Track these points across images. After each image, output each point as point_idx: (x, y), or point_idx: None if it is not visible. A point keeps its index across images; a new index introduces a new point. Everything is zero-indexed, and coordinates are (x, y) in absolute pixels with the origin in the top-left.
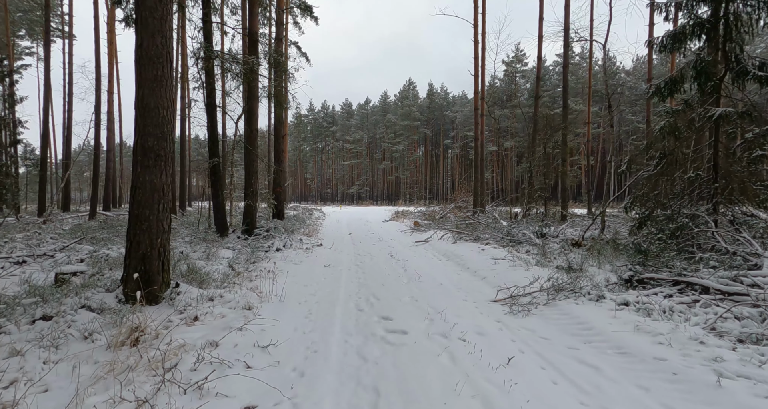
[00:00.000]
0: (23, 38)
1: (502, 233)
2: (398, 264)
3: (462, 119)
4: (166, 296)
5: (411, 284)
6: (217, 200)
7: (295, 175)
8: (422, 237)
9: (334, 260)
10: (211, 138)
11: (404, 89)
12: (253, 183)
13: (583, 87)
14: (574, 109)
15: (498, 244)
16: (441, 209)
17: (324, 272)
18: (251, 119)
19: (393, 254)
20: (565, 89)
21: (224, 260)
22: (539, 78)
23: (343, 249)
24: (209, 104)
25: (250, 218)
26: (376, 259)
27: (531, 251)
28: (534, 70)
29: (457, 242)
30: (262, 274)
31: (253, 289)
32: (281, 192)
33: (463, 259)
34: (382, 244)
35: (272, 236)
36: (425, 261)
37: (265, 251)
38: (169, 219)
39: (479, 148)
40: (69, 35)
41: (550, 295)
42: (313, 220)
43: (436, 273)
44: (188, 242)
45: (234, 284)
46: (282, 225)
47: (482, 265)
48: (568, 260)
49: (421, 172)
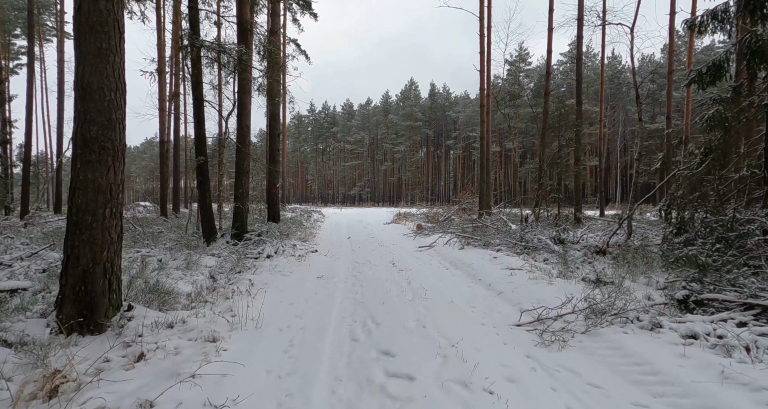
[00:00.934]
0: (19, 37)
1: (514, 238)
2: (401, 275)
3: (465, 119)
4: (114, 323)
5: (416, 301)
6: (204, 202)
7: (295, 177)
8: (426, 242)
9: (329, 270)
10: (198, 135)
11: (406, 89)
12: (243, 183)
13: (588, 86)
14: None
15: (511, 250)
16: (445, 211)
17: (316, 285)
18: (242, 115)
19: (395, 262)
20: (578, 83)
21: (206, 270)
22: (549, 73)
23: (340, 256)
24: (196, 98)
25: (240, 222)
26: (376, 268)
27: (550, 260)
28: (538, 68)
29: (464, 248)
30: (243, 288)
31: (227, 310)
32: (276, 193)
33: (474, 268)
34: (383, 250)
35: (263, 242)
36: (431, 271)
37: (255, 258)
38: (119, 227)
39: (485, 147)
40: (60, 32)
41: (588, 319)
42: (311, 222)
43: (444, 286)
44: (169, 249)
45: (206, 302)
46: (277, 228)
47: (497, 276)
48: (596, 270)
49: (422, 173)
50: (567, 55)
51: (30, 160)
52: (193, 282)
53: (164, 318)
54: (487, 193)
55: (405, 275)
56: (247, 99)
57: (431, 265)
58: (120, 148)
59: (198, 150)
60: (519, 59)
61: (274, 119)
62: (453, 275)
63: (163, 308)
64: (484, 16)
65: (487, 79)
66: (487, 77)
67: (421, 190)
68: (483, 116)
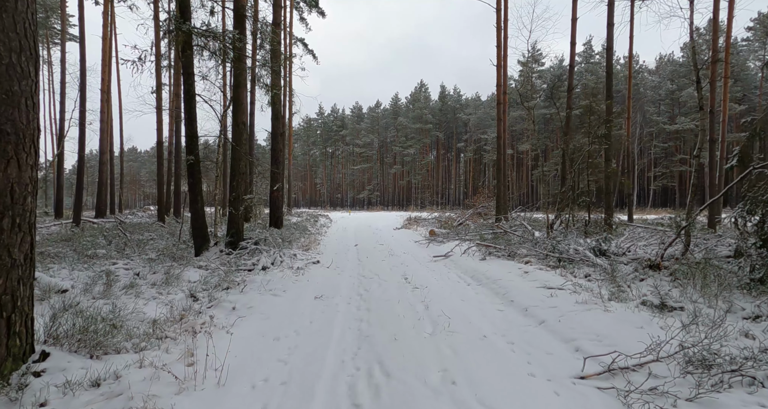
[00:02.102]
0: None
1: (544, 248)
2: (416, 294)
3: (476, 122)
4: (13, 382)
5: (438, 336)
6: (195, 207)
7: (304, 180)
8: (441, 250)
9: (331, 287)
10: (189, 132)
11: (416, 91)
12: (239, 186)
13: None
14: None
15: (542, 263)
16: (458, 216)
17: (312, 309)
18: (238, 111)
19: (408, 276)
20: (609, 75)
21: (189, 286)
22: (572, 66)
23: (345, 268)
24: (186, 92)
25: (234, 229)
26: (386, 284)
27: (593, 276)
28: (551, 69)
29: (486, 259)
30: (221, 315)
31: (186, 354)
32: (278, 197)
33: (502, 285)
34: (394, 260)
35: (260, 251)
36: (450, 288)
37: (248, 271)
38: (28, 244)
39: (502, 148)
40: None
41: (687, 373)
42: (317, 228)
43: (469, 311)
44: (151, 260)
45: (165, 338)
46: (279, 235)
47: (533, 297)
48: (659, 292)
49: (432, 176)
50: (581, 55)
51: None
52: (168, 303)
53: (93, 371)
54: (504, 196)
55: (420, 293)
56: (243, 93)
57: (450, 280)
58: (29, 134)
59: (189, 149)
60: (531, 60)
61: (276, 118)
62: (477, 294)
63: (98, 353)
64: (501, 7)
65: (504, 75)
66: (504, 72)
67: (431, 193)
68: (500, 114)
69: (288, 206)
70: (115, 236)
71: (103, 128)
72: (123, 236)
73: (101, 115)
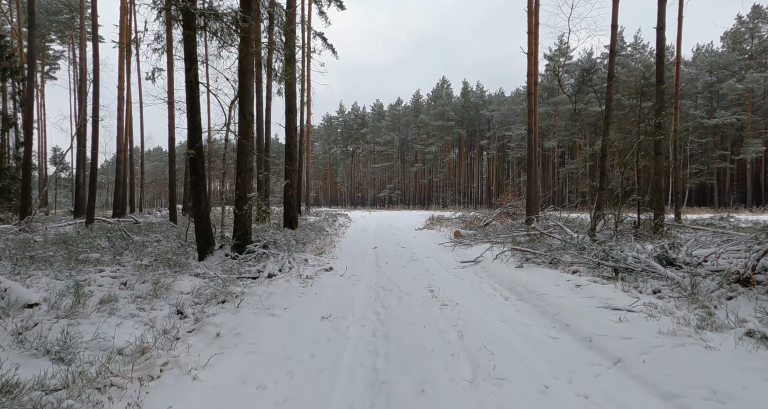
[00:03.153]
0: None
1: (595, 254)
2: (445, 313)
3: (500, 118)
4: None
5: (482, 386)
6: (198, 207)
7: (325, 179)
8: (469, 254)
9: (342, 303)
10: (191, 125)
11: (437, 88)
12: (245, 184)
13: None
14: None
15: (593, 273)
16: (484, 216)
17: (315, 336)
18: (244, 101)
19: (433, 288)
20: (660, 57)
21: (180, 299)
22: (614, 51)
23: (361, 276)
24: (188, 79)
25: (241, 230)
26: (408, 299)
27: (663, 292)
28: (580, 63)
29: (523, 266)
30: (198, 345)
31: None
32: (293, 196)
33: (550, 302)
34: (417, 266)
35: (268, 256)
36: (486, 304)
37: (252, 278)
38: None
39: (533, 142)
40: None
41: None
42: (335, 228)
43: (516, 341)
44: (143, 267)
45: (106, 388)
46: (293, 236)
47: (595, 321)
48: None
49: (455, 175)
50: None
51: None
52: (149, 322)
53: None
54: (535, 195)
55: (450, 313)
56: (249, 80)
57: (483, 292)
58: None
59: (191, 142)
60: (559, 53)
61: (290, 111)
62: (519, 312)
63: None
64: None
65: (535, 63)
66: (535, 60)
67: (453, 192)
68: (531, 105)
69: (306, 205)
70: (119, 237)
71: (120, 126)
72: (127, 237)
73: (118, 113)
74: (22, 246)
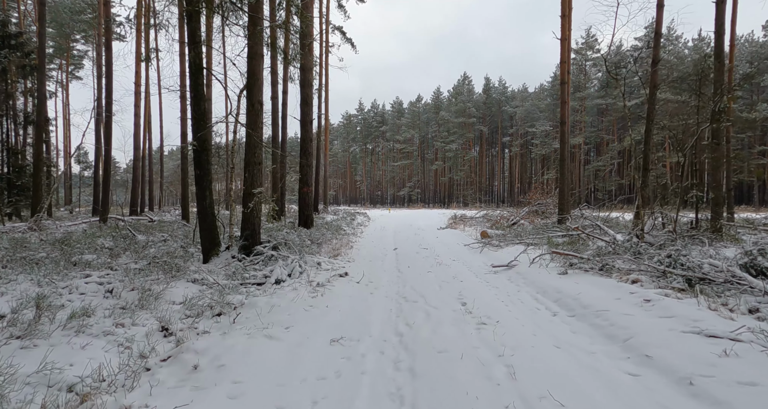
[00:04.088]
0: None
1: (659, 261)
2: (484, 337)
3: (522, 114)
4: None
5: None
6: (203, 204)
7: (344, 177)
8: (500, 257)
9: (357, 320)
10: (195, 113)
11: (458, 84)
12: (255, 179)
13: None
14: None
15: (659, 283)
16: (511, 214)
17: (322, 368)
18: (253, 88)
19: (465, 300)
20: (719, 35)
21: (170, 310)
22: (659, 34)
23: (380, 283)
24: (192, 63)
25: (249, 230)
26: (436, 315)
27: (764, 312)
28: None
29: (567, 272)
30: (168, 381)
31: None
32: (308, 193)
33: (614, 322)
34: (442, 271)
35: (275, 259)
36: (532, 322)
37: (258, 285)
38: None
39: (566, 135)
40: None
41: None
42: (353, 228)
43: (587, 381)
44: (137, 271)
45: None
46: (308, 236)
47: (687, 353)
48: None
49: (476, 173)
50: (643, 39)
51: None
52: (125, 342)
53: None
54: (568, 192)
55: (492, 336)
56: (259, 65)
57: (525, 305)
58: None
59: (195, 132)
60: (586, 46)
61: (306, 103)
62: (577, 335)
63: None
64: None
65: (568, 50)
66: (568, 47)
67: (475, 190)
68: (564, 96)
69: (324, 203)
70: (124, 236)
71: (137, 124)
72: (132, 236)
73: (135, 110)
74: (16, 246)
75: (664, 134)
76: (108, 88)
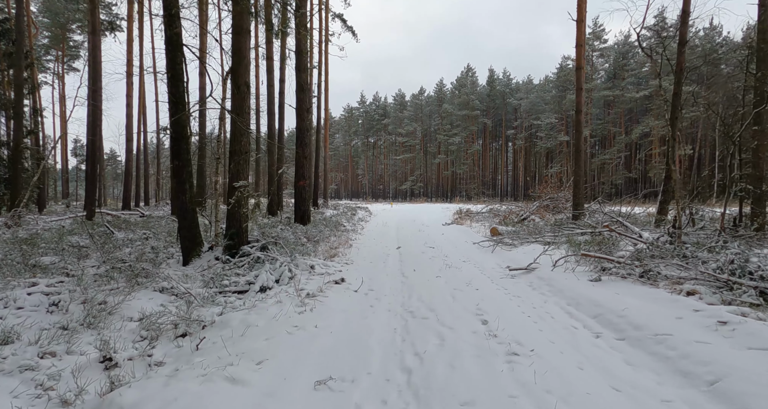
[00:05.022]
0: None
1: (720, 269)
2: (520, 377)
3: (527, 106)
4: None
5: None
6: (182, 198)
7: (346, 172)
8: (516, 258)
9: (352, 349)
10: (173, 96)
11: (462, 76)
12: (240, 171)
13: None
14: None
15: (720, 295)
16: (521, 209)
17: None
18: (238, 68)
19: (486, 316)
20: (764, 6)
21: (124, 327)
22: (687, 12)
23: (381, 292)
24: (169, 40)
25: (235, 228)
26: (452, 341)
27: None
28: (616, 46)
29: (601, 279)
30: None
31: None
32: (305, 187)
33: (684, 351)
34: (453, 275)
35: (262, 261)
36: (573, 350)
37: (239, 293)
38: None
39: (580, 124)
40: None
41: None
42: (353, 223)
43: None
44: (98, 277)
45: None
46: (303, 233)
47: None
48: None
49: (479, 166)
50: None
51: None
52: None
53: None
54: (582, 186)
55: (529, 374)
56: (245, 42)
57: (556, 321)
58: None
59: (172, 118)
60: (593, 37)
61: (302, 90)
62: (636, 372)
63: None
64: None
65: (583, 32)
66: (584, 30)
67: (478, 184)
68: (579, 82)
69: (324, 197)
70: (103, 233)
71: (129, 114)
72: (110, 233)
73: (127, 100)
74: None
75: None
76: (94, 74)
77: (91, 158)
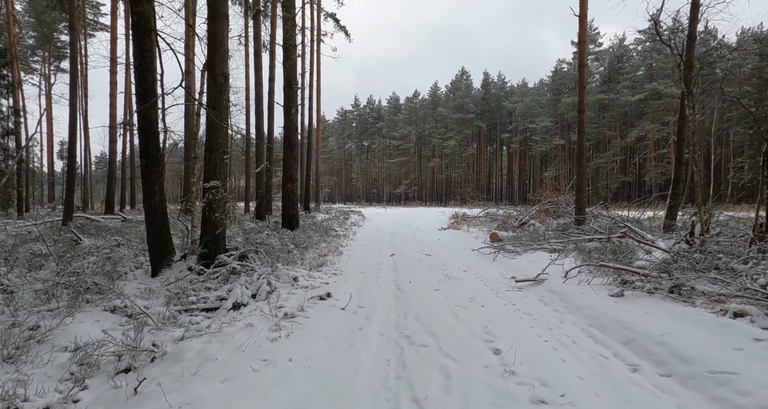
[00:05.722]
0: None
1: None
2: None
3: (522, 110)
4: None
5: None
6: (151, 201)
7: (339, 175)
8: (521, 268)
9: (331, 393)
10: (140, 88)
11: (456, 79)
12: (216, 171)
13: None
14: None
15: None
16: (519, 213)
17: None
18: (214, 57)
19: (497, 343)
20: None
21: (54, 360)
22: (696, 5)
23: (372, 310)
24: (136, 25)
25: (210, 235)
26: (459, 380)
27: None
28: (611, 50)
29: (624, 294)
30: None
31: None
32: (292, 189)
33: (757, 397)
34: (455, 288)
35: (238, 273)
36: (613, 392)
37: (208, 311)
38: None
39: (582, 124)
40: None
41: None
42: (345, 228)
43: None
44: (40, 293)
45: None
46: (291, 239)
47: None
48: None
49: (474, 170)
50: (648, 32)
51: None
52: None
53: None
54: (584, 189)
55: None
56: (223, 28)
57: (581, 350)
58: None
59: (140, 110)
60: (588, 40)
61: (289, 86)
62: None
63: None
64: None
65: (585, 30)
66: (586, 26)
67: (473, 188)
68: (582, 80)
69: (316, 201)
70: (71, 239)
71: (113, 114)
72: (77, 240)
73: (110, 99)
74: None
75: (667, 130)
76: (72, 71)
77: (69, 160)
